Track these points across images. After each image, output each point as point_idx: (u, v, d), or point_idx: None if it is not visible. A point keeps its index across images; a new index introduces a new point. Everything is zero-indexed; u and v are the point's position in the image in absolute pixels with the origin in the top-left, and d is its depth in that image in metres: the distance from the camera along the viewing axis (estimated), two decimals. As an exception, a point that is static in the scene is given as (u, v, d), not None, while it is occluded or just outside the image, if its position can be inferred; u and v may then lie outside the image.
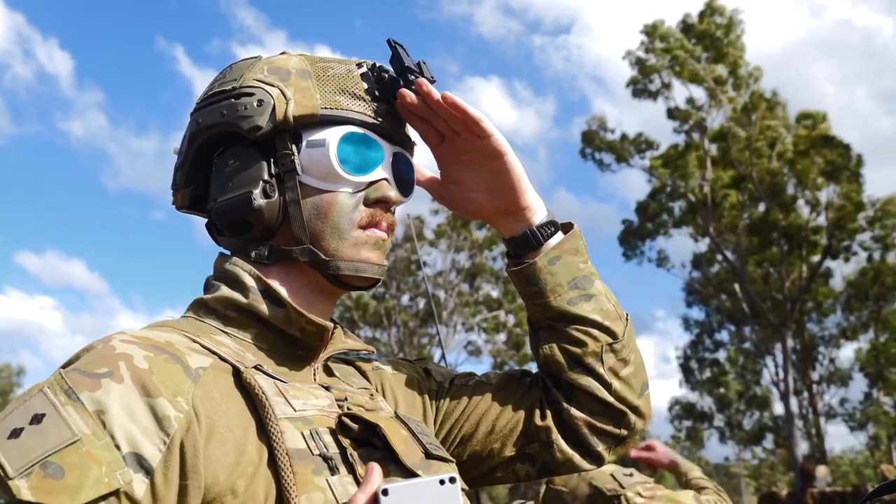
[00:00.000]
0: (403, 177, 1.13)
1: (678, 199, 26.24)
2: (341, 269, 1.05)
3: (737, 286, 25.84)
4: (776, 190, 24.50)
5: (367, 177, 1.07)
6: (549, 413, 1.21)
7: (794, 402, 25.61)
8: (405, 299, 29.15)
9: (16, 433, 0.80)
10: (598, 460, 1.22)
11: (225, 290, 1.05)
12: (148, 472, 0.81)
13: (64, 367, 0.89)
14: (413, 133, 1.18)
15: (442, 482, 0.80)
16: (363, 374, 1.20)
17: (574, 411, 1.19)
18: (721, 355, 29.66)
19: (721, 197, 25.23)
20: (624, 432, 1.22)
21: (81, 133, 69.99)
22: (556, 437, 1.20)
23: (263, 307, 1.03)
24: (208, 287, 1.09)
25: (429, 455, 1.01)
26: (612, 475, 2.60)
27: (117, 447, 0.81)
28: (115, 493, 0.79)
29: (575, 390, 1.20)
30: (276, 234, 1.07)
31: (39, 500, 0.76)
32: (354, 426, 0.96)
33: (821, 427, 27.02)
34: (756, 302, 24.84)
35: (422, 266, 1.86)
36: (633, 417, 1.21)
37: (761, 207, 25.52)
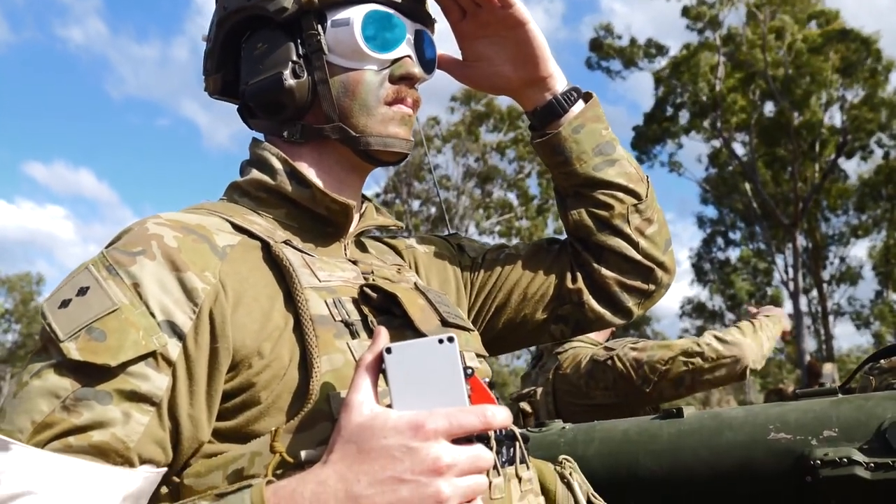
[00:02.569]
0: (425, 54, 1.17)
1: (687, 104, 25.87)
2: (371, 144, 1.10)
3: (748, 186, 25.72)
4: (789, 88, 24.05)
5: (391, 54, 1.11)
6: (579, 276, 1.29)
7: (803, 300, 25.84)
8: (416, 204, 29.21)
9: (65, 304, 0.89)
10: (628, 315, 1.31)
11: (255, 174, 1.11)
12: (181, 337, 0.89)
13: (106, 247, 0.96)
14: (433, 10, 1.21)
15: (441, 341, 0.85)
16: (398, 252, 1.27)
17: (605, 271, 1.27)
18: (733, 255, 29.77)
19: (731, 99, 24.82)
20: (652, 287, 1.30)
21: (81, 40, 69.01)
22: (588, 297, 1.28)
23: (290, 188, 1.08)
24: (242, 171, 1.15)
25: (445, 323, 1.06)
26: (603, 347, 2.68)
27: (152, 315, 0.88)
28: (153, 354, 0.87)
29: (604, 251, 1.27)
30: (307, 114, 1.11)
31: (86, 358, 0.84)
32: (374, 295, 1.02)
33: (829, 325, 27.32)
34: (767, 202, 24.76)
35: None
36: (659, 273, 1.30)
37: (771, 107, 25.13)
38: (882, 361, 1.37)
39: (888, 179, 25.36)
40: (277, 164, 1.09)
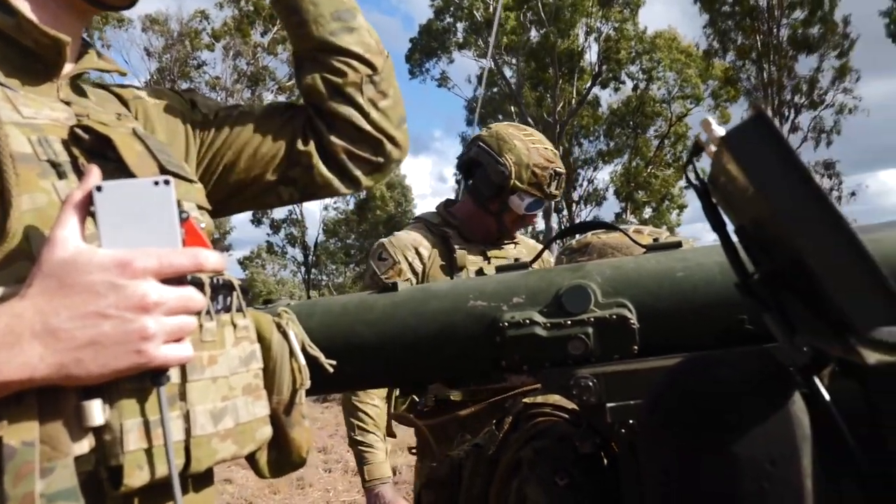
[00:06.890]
0: None
1: (463, 19, 26.43)
2: None
3: (513, 108, 27.02)
4: (557, 15, 25.32)
5: None
6: (311, 140, 1.29)
7: (554, 218, 27.92)
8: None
9: None
10: (355, 184, 1.33)
11: None
12: None
13: None
14: None
15: (156, 183, 0.84)
16: (124, 102, 1.20)
17: (334, 139, 1.28)
18: (495, 175, 31.26)
19: (504, 19, 25.71)
20: (381, 160, 1.32)
21: None
22: (317, 162, 1.29)
23: None
24: None
25: (164, 171, 1.03)
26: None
27: None
28: None
29: (335, 119, 1.28)
30: None
31: None
32: (86, 137, 0.97)
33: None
34: (529, 123, 26.22)
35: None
36: (389, 146, 1.32)
37: (537, 34, 26.34)
38: (573, 242, 1.54)
39: (636, 110, 27.72)
40: None
